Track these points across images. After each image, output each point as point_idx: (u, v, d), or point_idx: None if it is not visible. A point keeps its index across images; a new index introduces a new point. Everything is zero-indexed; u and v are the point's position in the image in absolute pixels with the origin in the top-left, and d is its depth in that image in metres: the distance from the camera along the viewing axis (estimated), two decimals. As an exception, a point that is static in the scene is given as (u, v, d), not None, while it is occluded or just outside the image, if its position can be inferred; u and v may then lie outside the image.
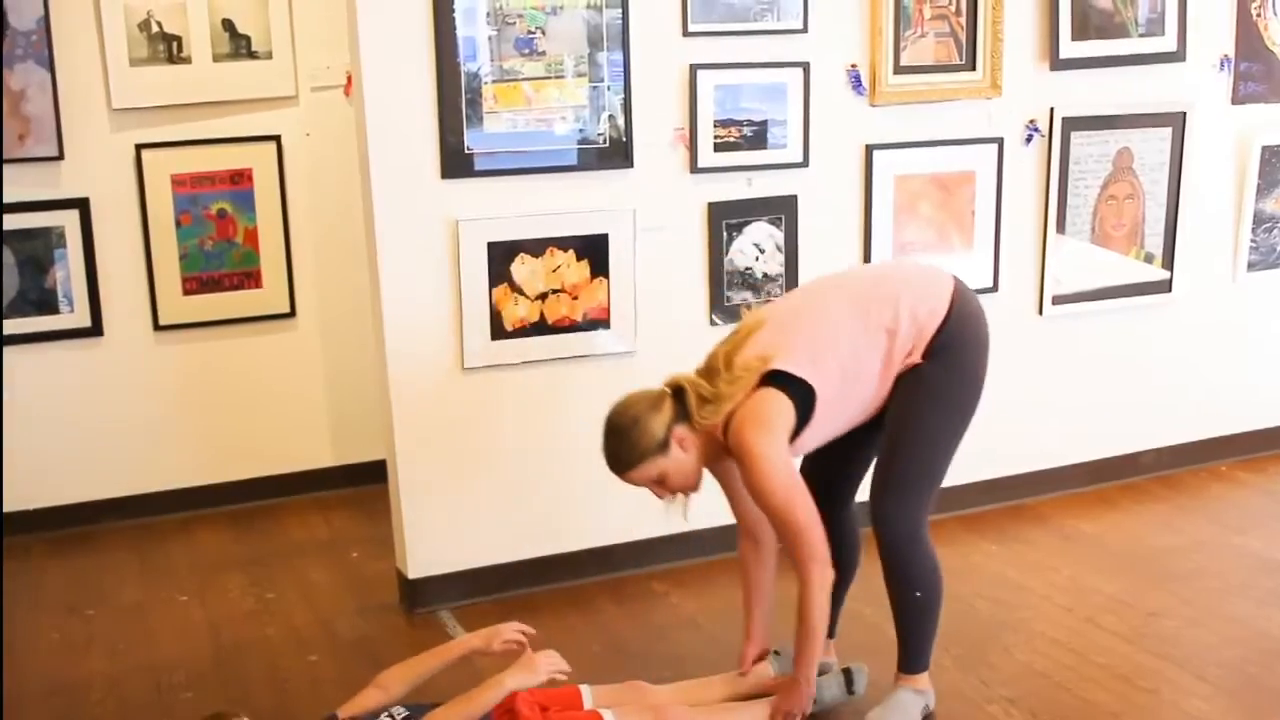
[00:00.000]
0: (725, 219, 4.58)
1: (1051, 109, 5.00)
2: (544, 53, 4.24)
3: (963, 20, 4.80)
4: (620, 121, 4.37)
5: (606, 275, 4.44)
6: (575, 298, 4.43)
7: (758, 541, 3.68)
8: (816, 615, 3.36)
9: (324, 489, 5.60)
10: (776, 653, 3.73)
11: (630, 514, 4.65)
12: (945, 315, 3.42)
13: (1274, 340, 5.72)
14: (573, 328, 4.44)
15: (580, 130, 4.34)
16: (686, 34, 4.42)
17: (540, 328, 4.39)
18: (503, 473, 4.47)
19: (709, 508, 4.74)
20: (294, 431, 5.59)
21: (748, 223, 4.63)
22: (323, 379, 5.61)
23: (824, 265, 4.74)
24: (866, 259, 4.82)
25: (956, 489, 5.14)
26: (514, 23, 4.18)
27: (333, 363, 5.60)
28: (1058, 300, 5.18)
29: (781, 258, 4.69)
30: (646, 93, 4.40)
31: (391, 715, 3.24)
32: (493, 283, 4.30)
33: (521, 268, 4.33)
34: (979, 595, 4.40)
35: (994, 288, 5.06)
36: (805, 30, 4.56)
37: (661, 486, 3.42)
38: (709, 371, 3.42)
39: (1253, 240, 5.55)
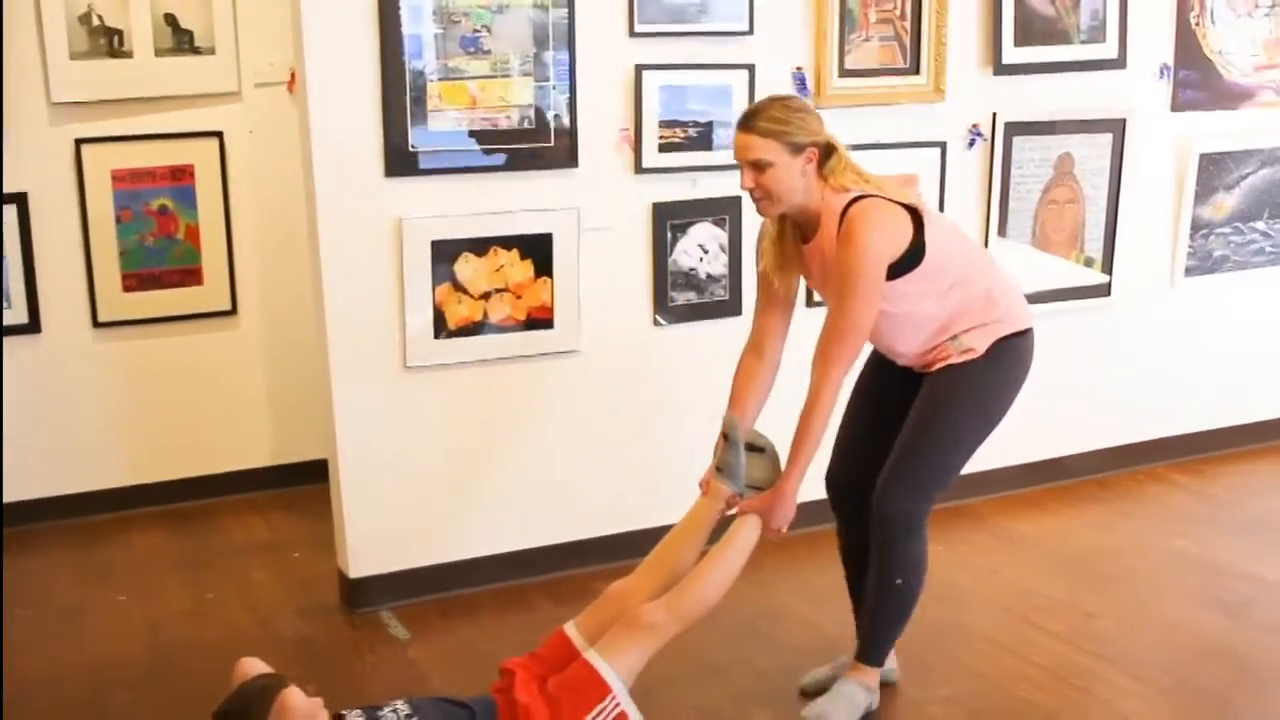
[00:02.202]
0: (669, 219, 4.59)
1: (994, 114, 5.04)
2: (489, 51, 4.23)
3: (907, 24, 4.83)
4: (566, 121, 4.37)
5: (550, 275, 4.44)
6: (519, 297, 4.42)
7: (762, 357, 3.67)
8: (817, 420, 3.41)
9: (265, 488, 5.56)
10: (725, 436, 3.64)
11: (572, 514, 4.66)
12: (1023, 329, 3.56)
13: (1209, 345, 5.79)
14: (516, 327, 4.43)
15: (527, 130, 4.32)
16: (633, 34, 4.42)
17: (483, 327, 4.38)
18: (445, 472, 4.45)
19: (648, 506, 4.75)
20: (235, 430, 5.54)
21: (692, 223, 4.63)
22: (264, 377, 5.57)
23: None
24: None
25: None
26: (460, 21, 4.17)
27: (274, 361, 5.56)
28: (999, 303, 5.22)
29: (725, 259, 4.70)
30: (592, 93, 4.39)
31: (396, 711, 3.21)
32: (436, 281, 4.29)
33: (465, 267, 4.32)
34: (925, 596, 4.42)
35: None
36: (751, 32, 4.57)
37: (760, 174, 3.36)
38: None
39: (1190, 246, 5.62)
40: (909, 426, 3.54)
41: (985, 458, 5.31)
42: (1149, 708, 3.73)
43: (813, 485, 3.64)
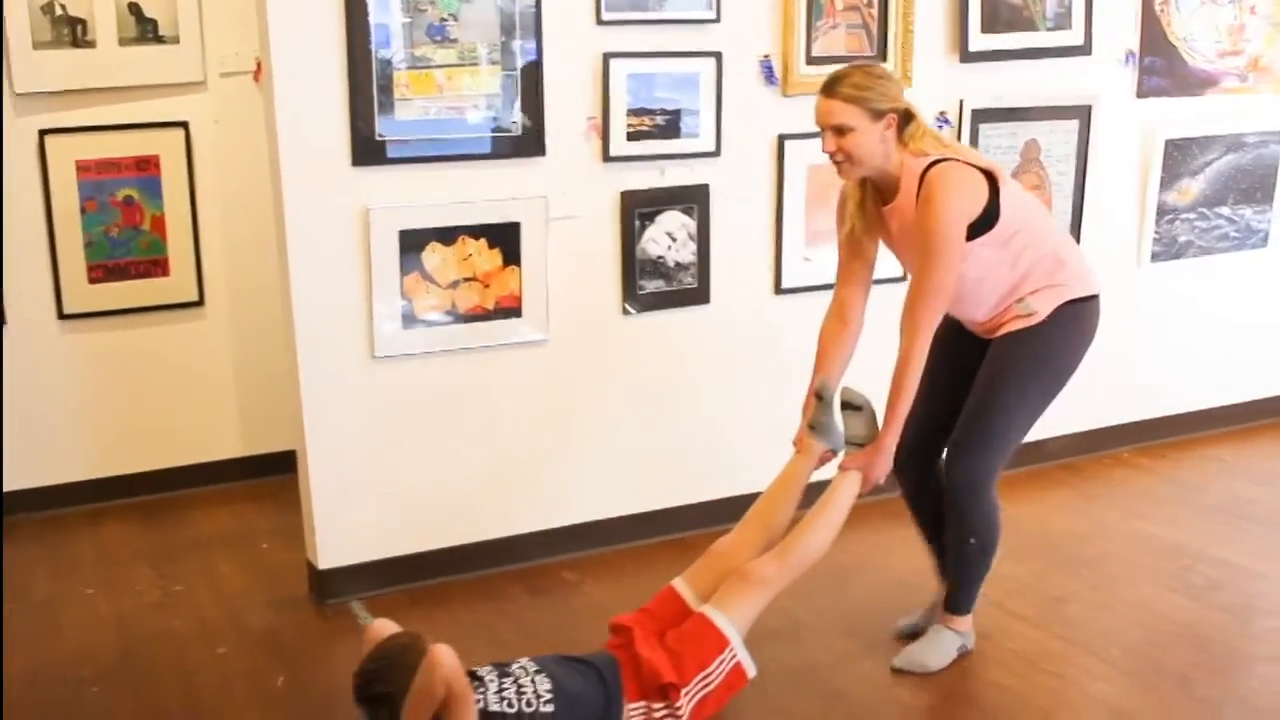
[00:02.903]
0: (637, 208, 4.58)
1: (961, 100, 5.05)
2: (456, 40, 4.22)
3: (874, 12, 4.83)
4: (534, 110, 4.36)
5: (518, 264, 4.43)
6: (487, 286, 4.41)
7: (846, 322, 3.84)
8: (909, 378, 3.56)
9: (233, 480, 5.54)
10: (819, 396, 3.82)
11: (542, 504, 4.66)
12: (1089, 295, 3.72)
13: (1176, 330, 5.83)
14: (484, 316, 4.43)
15: (494, 118, 4.32)
16: (600, 22, 4.41)
17: (452, 316, 4.37)
18: (414, 462, 4.44)
19: (618, 494, 4.76)
20: (202, 422, 5.52)
21: (660, 212, 4.63)
22: (231, 368, 5.54)
23: (736, 254, 4.77)
24: (778, 250, 4.84)
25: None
26: (426, 9, 4.16)
27: (241, 352, 5.53)
28: (966, 290, 5.24)
29: (694, 247, 4.70)
30: (559, 81, 4.38)
31: (525, 668, 3.31)
32: (404, 271, 4.28)
33: (433, 256, 4.31)
34: (896, 581, 4.44)
35: (902, 276, 5.09)
36: (718, 20, 4.56)
37: (842, 138, 3.51)
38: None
39: (1156, 231, 5.64)
40: (975, 392, 3.71)
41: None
42: (1117, 690, 3.76)
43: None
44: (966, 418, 3.71)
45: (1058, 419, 5.57)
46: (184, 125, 5.29)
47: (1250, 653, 4.02)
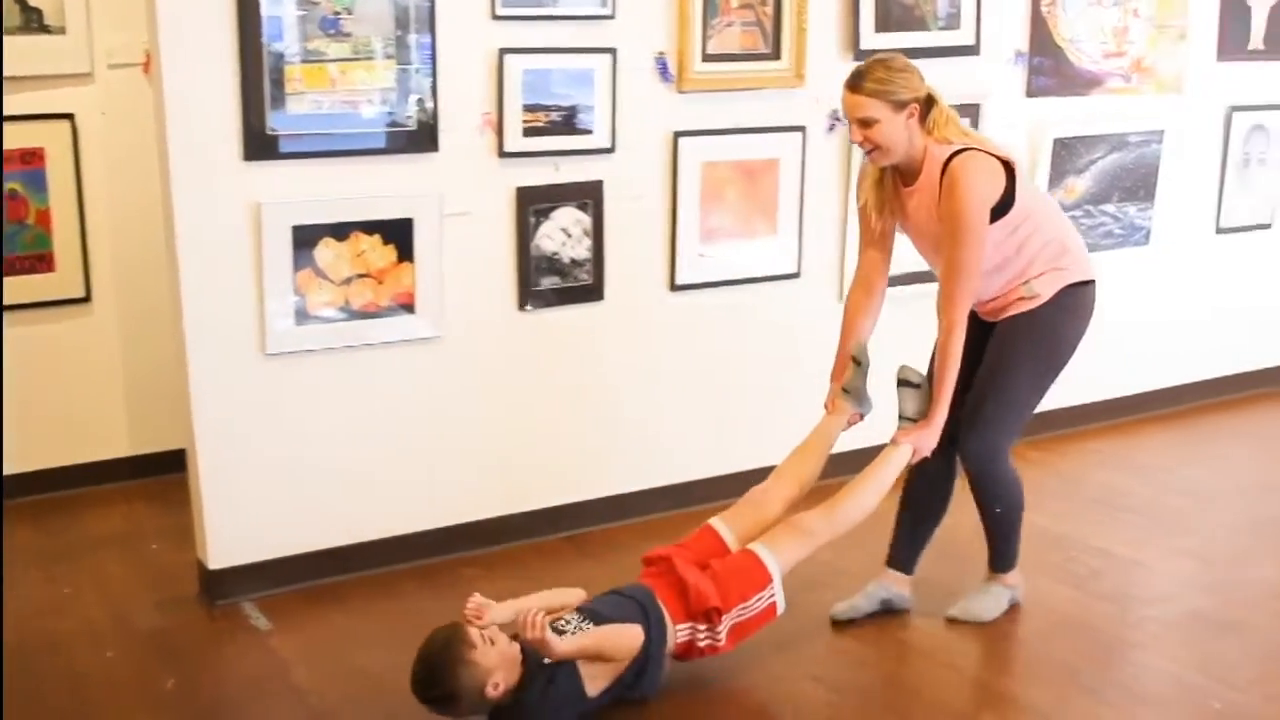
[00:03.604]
0: (532, 204, 4.58)
1: (853, 99, 5.10)
2: (350, 34, 4.18)
3: (769, 10, 4.87)
4: (429, 105, 4.33)
5: (412, 260, 4.40)
6: (381, 283, 4.38)
7: (870, 291, 4.10)
8: (952, 355, 3.83)
9: (122, 479, 5.44)
10: (856, 361, 4.10)
11: (440, 500, 4.64)
12: (1087, 279, 3.96)
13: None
14: (378, 313, 4.39)
15: (389, 113, 4.29)
16: (495, 17, 4.39)
17: (346, 313, 4.34)
18: (308, 460, 4.40)
19: (512, 492, 4.75)
20: (90, 421, 5.41)
21: (555, 208, 4.63)
22: (120, 366, 5.44)
23: (632, 251, 4.78)
24: (673, 246, 4.86)
25: (757, 472, 5.23)
26: (319, 2, 4.12)
27: (130, 349, 5.43)
28: (859, 286, 5.29)
29: (589, 243, 4.70)
30: (454, 76, 4.36)
31: (569, 619, 3.53)
32: (296, 267, 4.23)
33: (326, 252, 4.27)
34: (792, 578, 4.47)
35: (797, 274, 5.16)
36: (613, 16, 4.57)
37: (868, 129, 3.76)
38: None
39: (1044, 228, 5.74)
40: (983, 372, 3.95)
41: (851, 441, 5.43)
42: (1008, 680, 3.84)
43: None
44: (978, 398, 3.95)
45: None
46: (70, 117, 5.18)
47: (1131, 640, 4.13)
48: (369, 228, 4.32)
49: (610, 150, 4.67)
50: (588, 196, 4.67)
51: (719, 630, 3.66)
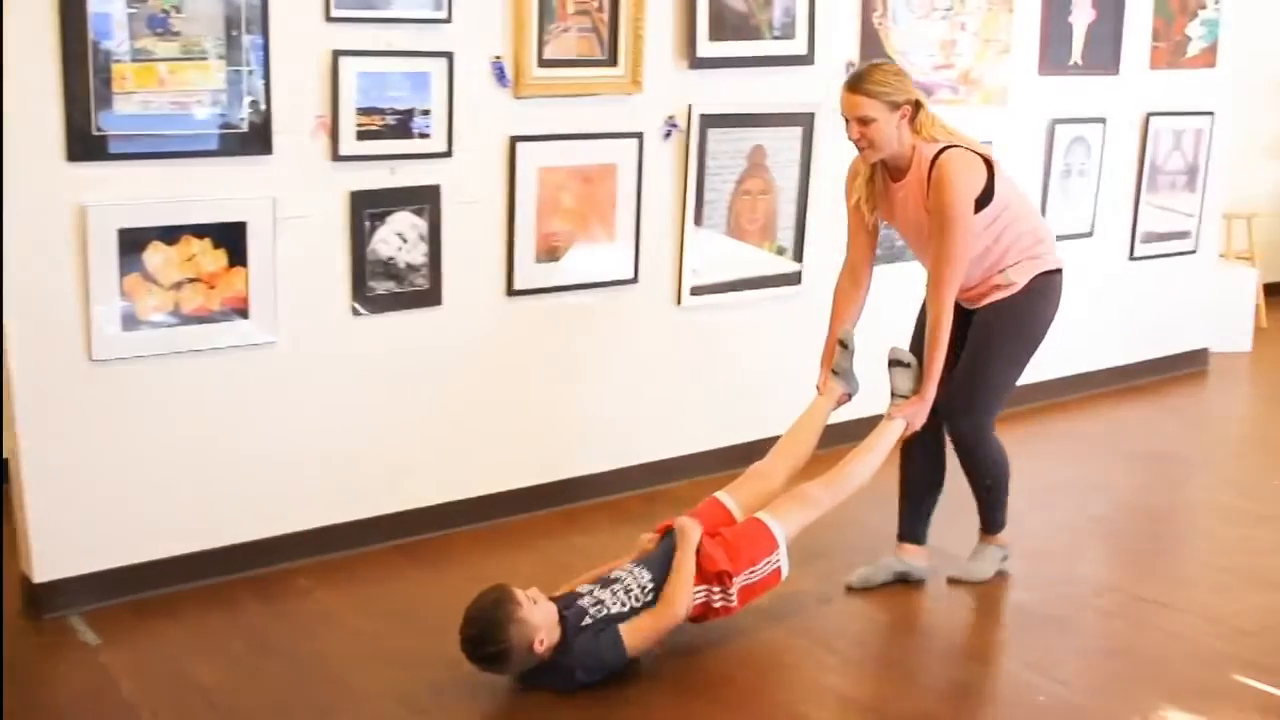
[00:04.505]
0: (368, 208, 4.53)
1: (690, 105, 5.15)
2: (179, 33, 4.10)
3: (605, 16, 4.89)
4: (262, 107, 4.27)
5: (245, 264, 4.33)
6: (212, 287, 4.30)
7: (857, 280, 4.48)
8: (942, 337, 4.15)
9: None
10: (843, 345, 4.46)
11: (272, 509, 4.56)
12: (1057, 268, 4.31)
13: (895, 330, 6.03)
14: (210, 318, 4.31)
15: (221, 115, 4.21)
16: (329, 19, 4.34)
17: (176, 318, 4.25)
18: (138, 468, 4.30)
19: (351, 497, 4.70)
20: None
21: (390, 212, 4.59)
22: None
23: (469, 255, 4.76)
24: (510, 252, 4.85)
25: (599, 476, 5.25)
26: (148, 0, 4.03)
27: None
28: (695, 291, 5.35)
29: (425, 248, 4.67)
30: (288, 78, 4.30)
31: (627, 569, 3.91)
32: (124, 271, 4.13)
33: (155, 256, 4.18)
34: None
35: (634, 279, 5.18)
36: (449, 20, 4.55)
37: (865, 126, 4.06)
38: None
39: (876, 236, 5.85)
40: (966, 358, 4.26)
41: (683, 442, 5.47)
42: (846, 680, 3.90)
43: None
44: (963, 380, 4.26)
45: (785, 417, 5.73)
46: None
47: (959, 636, 4.27)
48: (200, 231, 4.23)
49: (447, 154, 4.64)
50: (424, 201, 4.64)
51: (731, 592, 3.92)
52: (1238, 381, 7.44)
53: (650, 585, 3.85)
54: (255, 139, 4.28)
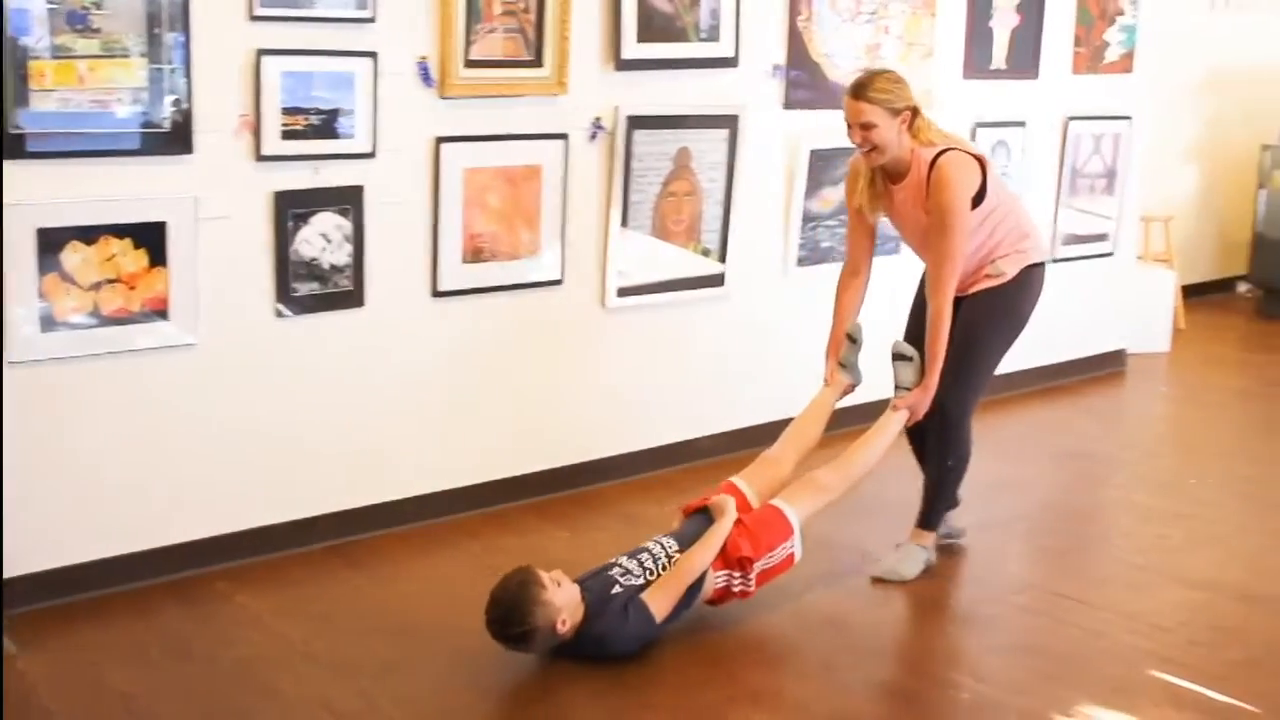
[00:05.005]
0: (291, 208, 4.49)
1: (616, 107, 5.15)
2: (99, 30, 4.04)
3: (531, 18, 4.88)
4: (184, 105, 4.22)
5: (166, 265, 4.28)
6: (132, 288, 4.24)
7: (857, 275, 4.71)
8: (943, 329, 4.38)
9: None
10: (851, 339, 4.70)
11: (193, 512, 4.51)
12: (1043, 261, 4.62)
13: (820, 331, 6.07)
14: (130, 319, 4.25)
15: (142, 113, 4.15)
16: (253, 18, 4.30)
17: (95, 319, 4.19)
18: (55, 472, 4.23)
19: (272, 500, 4.66)
20: None
21: (314, 213, 4.55)
22: None
23: (393, 257, 4.74)
24: (435, 253, 4.83)
25: (526, 477, 5.24)
26: (67, -5, 3.97)
27: None
28: (622, 292, 5.35)
29: (349, 249, 4.63)
30: (210, 77, 4.26)
31: (657, 540, 4.14)
32: (42, 271, 4.07)
33: (73, 256, 4.12)
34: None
35: (560, 280, 5.18)
36: (374, 20, 4.52)
37: (868, 131, 4.29)
38: None
39: (801, 237, 5.89)
40: (956, 341, 4.43)
41: (610, 443, 5.47)
42: (770, 680, 3.92)
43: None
44: (951, 363, 4.43)
45: (712, 418, 5.77)
46: None
47: (881, 635, 4.30)
48: (120, 231, 4.18)
49: (371, 155, 4.61)
50: (348, 201, 4.61)
51: (750, 577, 4.12)
52: (1155, 382, 7.55)
53: (676, 554, 4.06)
54: (177, 138, 4.23)
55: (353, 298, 4.68)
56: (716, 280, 5.63)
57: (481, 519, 5.07)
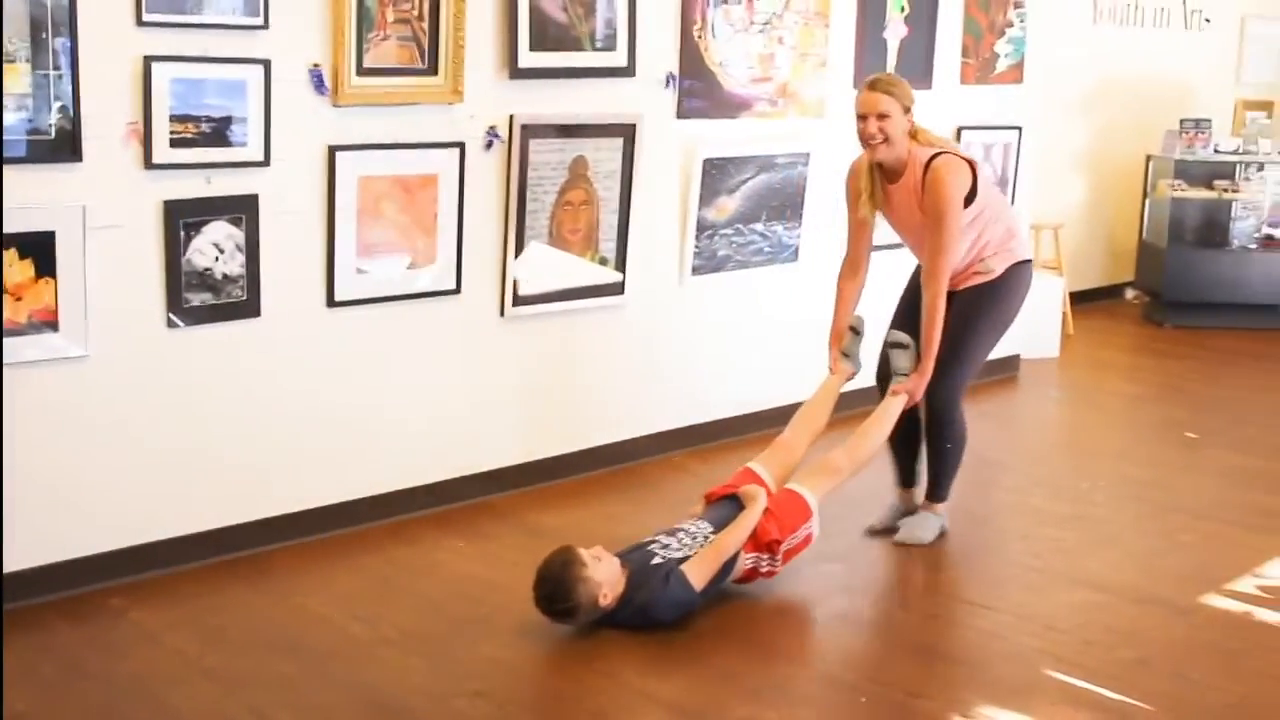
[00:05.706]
0: (183, 218, 4.43)
1: (511, 116, 5.14)
2: (-19, 35, 3.97)
3: (425, 26, 4.85)
4: (71, 112, 4.14)
5: (54, 275, 4.20)
6: (19, 299, 4.16)
7: (856, 273, 5.04)
8: (938, 320, 4.70)
9: None
10: (854, 330, 5.04)
11: (83, 527, 4.43)
12: (1029, 259, 4.99)
13: (716, 339, 6.12)
14: (16, 331, 4.16)
15: (28, 120, 4.07)
16: (140, 24, 4.24)
17: (-20, 331, 4.10)
18: (-62, 488, 4.13)
19: (168, 513, 4.58)
20: None
21: (206, 222, 4.49)
22: None
23: (288, 266, 4.69)
24: (330, 262, 4.78)
25: (425, 487, 5.21)
26: (-55, 1, 3.89)
27: None
28: (519, 301, 5.34)
29: (243, 258, 4.58)
30: (98, 83, 4.19)
31: (697, 525, 4.42)
32: (-76, 283, 3.98)
33: (-43, 267, 4.03)
34: (447, 593, 4.47)
35: (457, 289, 5.15)
36: (266, 26, 4.47)
37: (884, 121, 4.62)
38: None
39: (696, 246, 5.92)
40: (948, 333, 4.74)
41: (506, 453, 5.45)
42: (671, 687, 3.91)
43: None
44: (943, 354, 4.74)
45: (610, 425, 5.77)
46: None
47: (784, 642, 4.32)
48: (5, 241, 4.09)
49: (265, 163, 4.57)
50: (241, 210, 4.55)
51: (777, 558, 4.44)
52: (1047, 387, 7.69)
53: (711, 535, 4.34)
54: (64, 145, 4.15)
55: (247, 308, 4.63)
56: (615, 289, 5.64)
57: (381, 530, 5.03)
